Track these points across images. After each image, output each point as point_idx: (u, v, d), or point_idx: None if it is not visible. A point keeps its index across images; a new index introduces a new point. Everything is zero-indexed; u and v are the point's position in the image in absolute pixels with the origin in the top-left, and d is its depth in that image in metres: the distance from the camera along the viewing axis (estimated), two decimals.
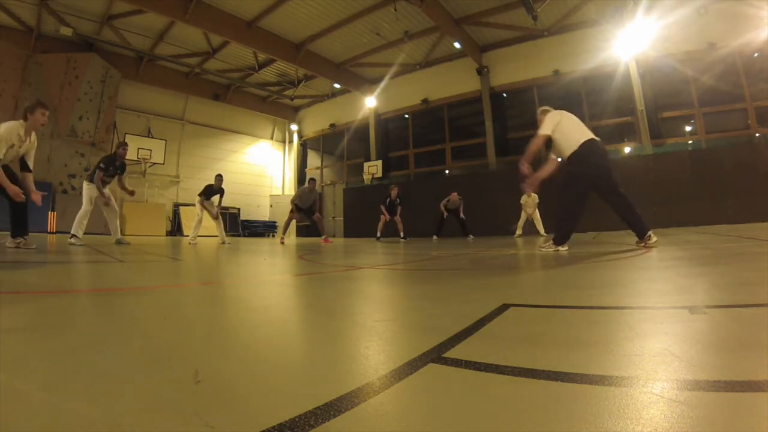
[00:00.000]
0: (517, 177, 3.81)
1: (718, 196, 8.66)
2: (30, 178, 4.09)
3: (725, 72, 9.46)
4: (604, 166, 3.53)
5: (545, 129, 3.63)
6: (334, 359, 0.76)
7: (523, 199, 9.39)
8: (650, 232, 3.46)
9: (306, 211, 8.38)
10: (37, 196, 4.03)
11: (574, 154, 3.50)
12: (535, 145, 3.66)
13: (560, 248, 3.49)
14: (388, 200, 9.60)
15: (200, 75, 14.26)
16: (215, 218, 7.68)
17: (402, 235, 9.39)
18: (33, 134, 4.05)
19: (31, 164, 4.10)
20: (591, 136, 3.56)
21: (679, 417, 0.46)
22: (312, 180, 8.65)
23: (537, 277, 2.19)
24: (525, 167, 3.65)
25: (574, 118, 3.72)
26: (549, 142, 3.67)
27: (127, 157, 5.92)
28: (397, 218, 9.45)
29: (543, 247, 3.63)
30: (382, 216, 9.56)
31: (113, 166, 5.69)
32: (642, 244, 3.48)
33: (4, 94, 10.32)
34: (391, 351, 0.80)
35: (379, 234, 9.59)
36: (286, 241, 8.83)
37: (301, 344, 0.91)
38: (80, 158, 11.64)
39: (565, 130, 3.60)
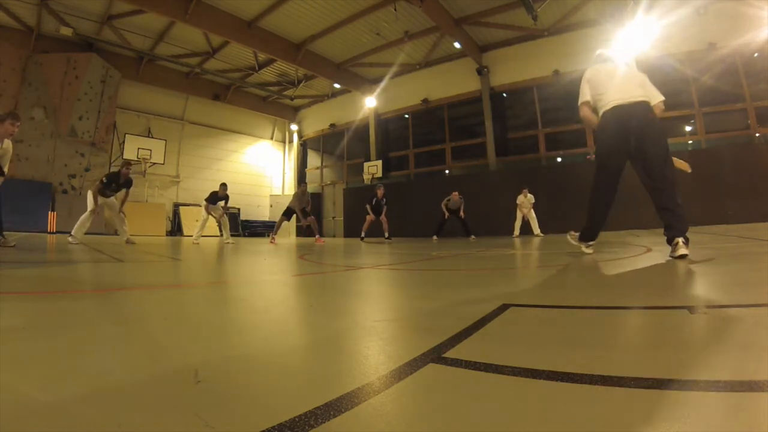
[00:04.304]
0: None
1: (718, 196, 8.65)
2: None
3: (725, 72, 9.46)
4: (622, 137, 2.66)
5: (581, 96, 2.94)
6: (334, 359, 0.76)
7: (519, 198, 9.42)
8: (680, 239, 2.38)
9: (301, 212, 8.61)
10: None
11: (595, 131, 2.91)
12: (583, 119, 3.00)
13: (583, 247, 3.03)
14: (374, 200, 9.71)
15: (200, 75, 14.25)
16: (220, 218, 8.02)
17: (387, 235, 9.49)
18: (7, 141, 4.18)
19: (5, 169, 4.27)
20: (614, 101, 2.72)
21: (679, 417, 0.46)
22: (303, 183, 9.13)
23: (537, 277, 2.19)
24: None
25: (605, 70, 2.89)
26: None
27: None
28: (383, 218, 9.53)
29: (571, 237, 3.19)
30: (368, 216, 9.67)
31: (116, 183, 6.10)
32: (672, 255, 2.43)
33: (4, 94, 10.32)
34: (391, 351, 0.80)
35: (363, 234, 9.70)
36: (281, 241, 9.03)
37: (301, 344, 0.91)
38: (80, 158, 11.63)
39: (596, 93, 2.88)
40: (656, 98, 2.73)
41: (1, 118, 4.11)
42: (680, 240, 2.38)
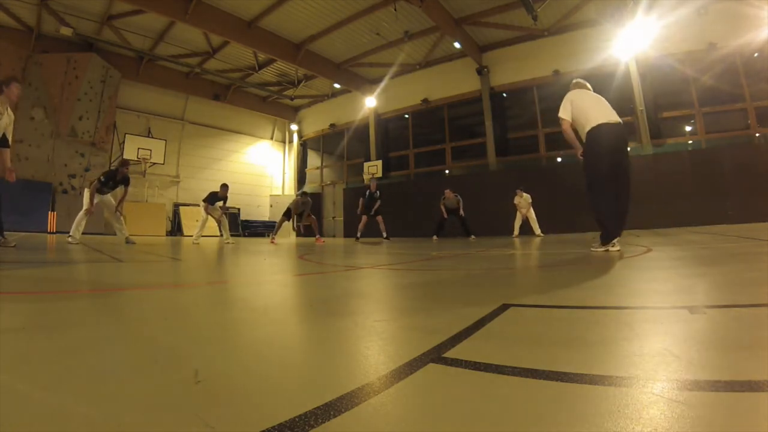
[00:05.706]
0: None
1: (718, 196, 8.64)
2: (6, 154, 4.12)
3: (725, 72, 9.45)
4: (613, 153, 3.21)
5: (561, 113, 3.41)
6: (334, 359, 0.76)
7: (516, 199, 9.43)
8: (616, 240, 3.22)
9: (299, 215, 8.78)
10: (11, 174, 4.06)
11: (585, 146, 3.28)
12: (564, 132, 3.45)
13: (609, 248, 3.21)
14: (367, 192, 9.70)
15: (200, 75, 14.24)
16: (219, 219, 8.10)
17: (385, 235, 9.47)
18: (9, 109, 4.06)
19: (9, 139, 4.12)
20: (601, 120, 3.23)
21: (679, 417, 0.46)
22: (303, 193, 9.19)
23: (537, 277, 2.19)
24: (579, 154, 3.47)
25: (587, 95, 3.44)
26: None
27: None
28: (379, 218, 9.55)
29: (593, 247, 3.33)
30: (363, 217, 9.70)
31: (113, 181, 6.12)
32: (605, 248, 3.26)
33: None
34: (391, 351, 0.80)
35: (359, 234, 9.71)
36: (281, 241, 9.13)
37: (301, 344, 0.91)
38: (80, 158, 11.62)
39: (577, 113, 3.34)
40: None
41: (5, 82, 3.94)
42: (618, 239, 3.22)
